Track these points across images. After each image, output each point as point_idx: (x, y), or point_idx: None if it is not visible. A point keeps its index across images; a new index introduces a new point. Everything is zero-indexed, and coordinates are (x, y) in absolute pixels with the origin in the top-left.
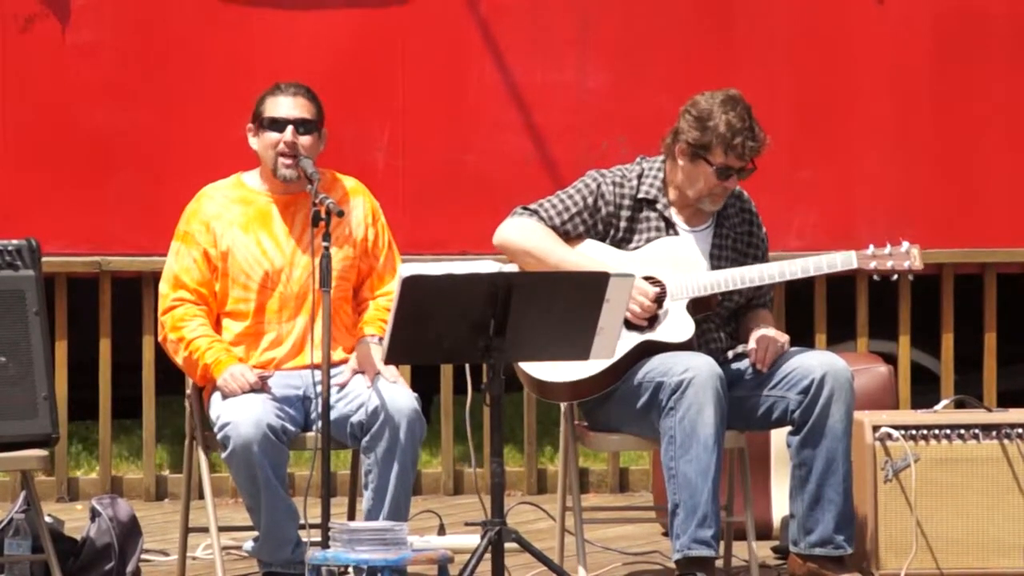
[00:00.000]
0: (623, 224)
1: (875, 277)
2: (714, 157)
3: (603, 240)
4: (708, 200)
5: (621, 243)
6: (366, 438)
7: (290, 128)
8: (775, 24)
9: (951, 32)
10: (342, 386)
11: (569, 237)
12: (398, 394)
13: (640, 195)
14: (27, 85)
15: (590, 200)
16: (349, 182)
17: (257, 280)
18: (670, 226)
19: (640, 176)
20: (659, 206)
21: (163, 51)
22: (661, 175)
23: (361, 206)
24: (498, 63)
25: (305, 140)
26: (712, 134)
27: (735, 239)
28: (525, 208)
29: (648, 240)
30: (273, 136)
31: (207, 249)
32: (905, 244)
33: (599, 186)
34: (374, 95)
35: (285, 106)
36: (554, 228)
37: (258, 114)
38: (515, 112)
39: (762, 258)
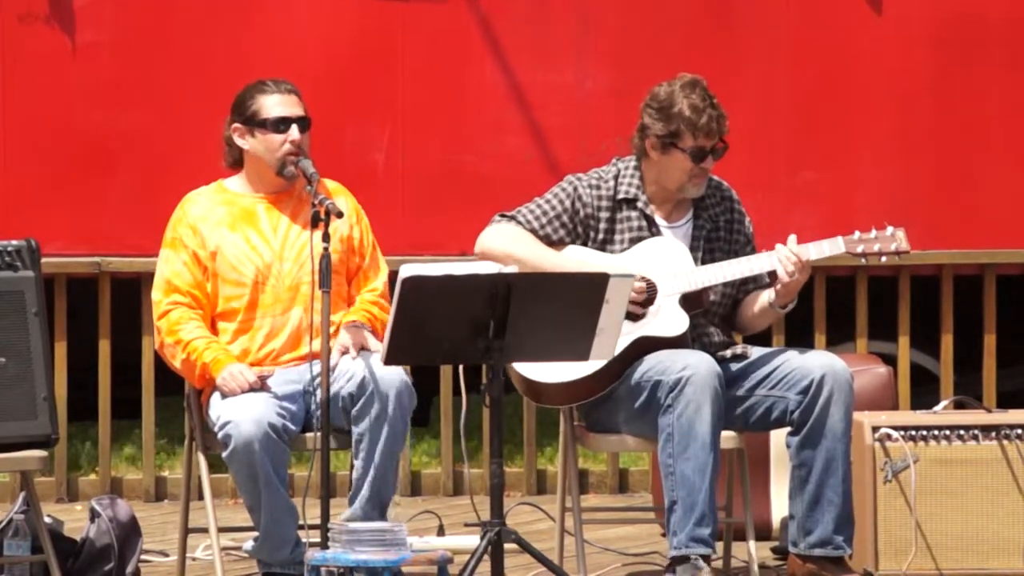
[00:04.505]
0: (603, 226)
1: (863, 261)
2: (684, 142)
3: (584, 244)
4: (690, 187)
5: (603, 245)
6: (355, 408)
7: (295, 127)
8: (775, 25)
9: (950, 34)
10: (333, 368)
11: (550, 242)
12: (386, 367)
13: (620, 196)
14: (27, 85)
15: (567, 203)
16: (331, 183)
17: (250, 276)
18: (651, 224)
19: (616, 177)
20: (640, 204)
21: (163, 51)
22: (638, 172)
23: (344, 206)
24: (498, 63)
25: (305, 138)
26: (678, 120)
27: (714, 228)
28: (503, 215)
29: (630, 240)
30: (277, 137)
31: (196, 251)
32: (890, 228)
33: (575, 189)
34: (374, 96)
35: (284, 105)
36: (533, 232)
37: (251, 115)
38: (515, 112)
39: (746, 245)
